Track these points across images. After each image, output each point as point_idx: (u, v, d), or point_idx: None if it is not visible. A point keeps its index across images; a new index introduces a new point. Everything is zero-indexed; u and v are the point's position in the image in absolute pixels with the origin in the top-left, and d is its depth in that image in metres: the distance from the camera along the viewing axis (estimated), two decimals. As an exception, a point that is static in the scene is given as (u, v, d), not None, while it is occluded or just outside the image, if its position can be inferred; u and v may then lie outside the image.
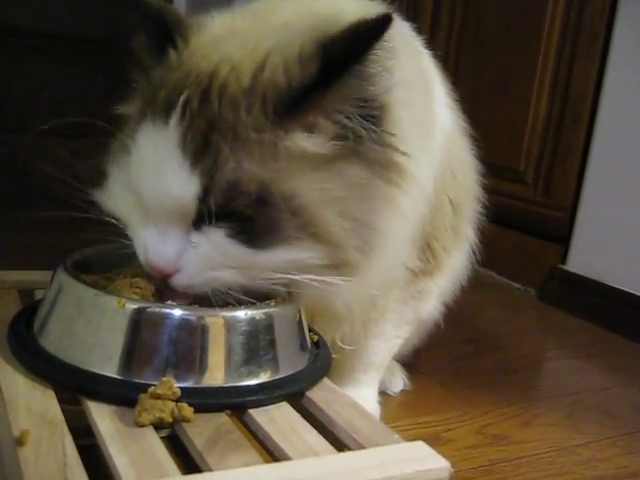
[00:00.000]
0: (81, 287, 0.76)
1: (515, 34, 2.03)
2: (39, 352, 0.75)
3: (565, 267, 1.86)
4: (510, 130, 2.02)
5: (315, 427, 0.71)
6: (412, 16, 2.29)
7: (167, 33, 0.79)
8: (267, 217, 0.71)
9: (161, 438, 0.66)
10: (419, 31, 0.98)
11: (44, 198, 0.81)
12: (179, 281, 0.75)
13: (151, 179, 0.74)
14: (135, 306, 0.72)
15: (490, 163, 1.06)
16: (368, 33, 0.69)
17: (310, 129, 0.73)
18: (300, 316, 0.82)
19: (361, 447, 0.68)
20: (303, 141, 0.72)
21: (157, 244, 0.75)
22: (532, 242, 1.96)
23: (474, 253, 1.08)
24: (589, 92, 1.82)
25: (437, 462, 0.65)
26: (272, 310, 0.78)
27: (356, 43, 0.70)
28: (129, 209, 0.79)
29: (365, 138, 0.74)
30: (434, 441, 1.05)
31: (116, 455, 0.61)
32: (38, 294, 0.93)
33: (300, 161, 0.72)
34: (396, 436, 0.70)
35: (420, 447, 0.68)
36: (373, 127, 0.74)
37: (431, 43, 0.98)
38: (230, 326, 0.74)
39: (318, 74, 0.70)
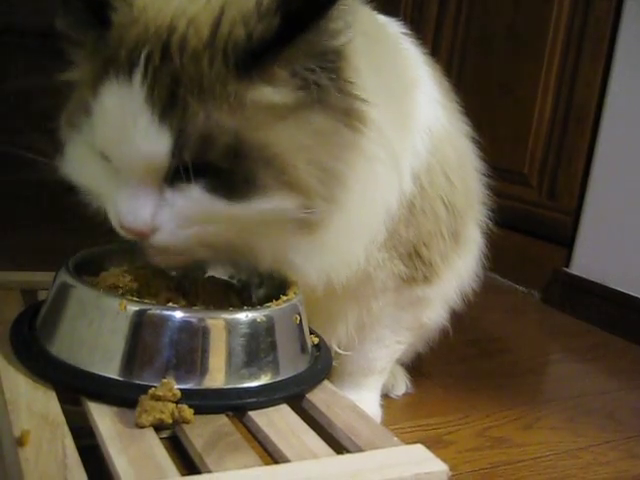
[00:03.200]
0: (83, 288, 0.76)
1: (520, 36, 2.02)
2: (41, 353, 0.75)
3: (569, 270, 1.86)
4: (514, 133, 2.02)
5: (315, 429, 0.71)
6: (417, 18, 2.29)
7: (99, 4, 0.76)
8: (243, 168, 0.71)
9: (162, 439, 0.66)
10: (423, 34, 0.98)
11: (45, 198, 0.81)
12: (158, 240, 0.74)
13: (119, 138, 0.72)
14: (136, 308, 0.72)
15: (494, 166, 1.06)
16: None
17: (273, 81, 0.72)
18: (301, 318, 0.82)
19: (360, 450, 0.68)
20: (267, 93, 0.72)
21: (130, 205, 0.74)
22: (536, 245, 1.96)
23: (483, 258, 1.08)
24: (594, 95, 1.82)
25: (436, 465, 0.65)
26: (273, 312, 0.78)
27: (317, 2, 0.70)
28: (95, 174, 0.78)
29: (327, 88, 0.74)
30: (435, 444, 1.05)
31: (116, 456, 0.61)
32: (41, 295, 0.94)
33: (267, 111, 0.72)
34: (395, 439, 0.70)
35: (419, 450, 0.68)
36: (334, 77, 0.75)
37: (435, 46, 0.98)
38: (231, 328, 0.74)
39: (278, 29, 0.70)
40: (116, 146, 0.73)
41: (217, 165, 0.70)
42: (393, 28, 0.96)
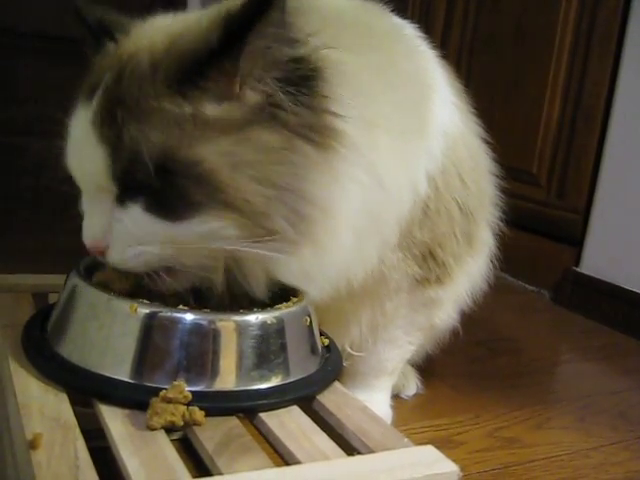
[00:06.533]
0: (94, 291, 0.77)
1: (528, 36, 2.02)
2: (52, 356, 0.76)
3: (579, 269, 1.86)
4: (523, 132, 2.02)
5: (325, 431, 0.71)
6: (425, 19, 2.30)
7: (107, 32, 0.81)
8: (174, 186, 0.70)
9: (173, 441, 0.66)
10: (431, 33, 0.97)
11: (54, 200, 0.81)
12: (111, 257, 0.76)
13: (74, 155, 0.77)
14: (147, 310, 0.73)
15: (503, 165, 1.06)
16: None
17: (216, 96, 0.72)
18: (311, 320, 0.82)
19: (371, 451, 0.68)
20: (208, 108, 0.71)
21: (87, 222, 0.77)
22: (546, 244, 1.95)
23: (494, 259, 1.08)
24: (602, 93, 1.82)
25: (446, 466, 0.66)
26: (283, 314, 0.78)
27: (255, 5, 0.68)
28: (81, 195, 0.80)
29: (285, 102, 0.72)
30: (446, 444, 1.05)
31: (127, 458, 0.61)
32: (52, 298, 0.94)
33: (205, 127, 0.71)
34: (405, 440, 0.70)
35: (429, 451, 0.68)
36: (299, 90, 0.73)
37: (444, 46, 0.98)
38: (241, 330, 0.75)
39: (220, 40, 0.70)
40: (73, 163, 0.78)
41: (149, 183, 0.71)
42: (409, 30, 0.96)
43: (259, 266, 0.77)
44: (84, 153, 0.75)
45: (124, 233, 0.74)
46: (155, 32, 0.78)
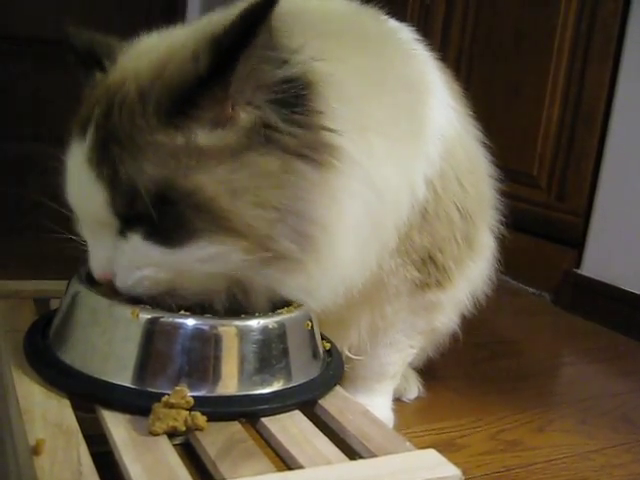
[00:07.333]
0: (95, 297, 0.77)
1: (527, 39, 2.02)
2: (54, 361, 0.76)
3: (579, 271, 1.86)
4: (523, 134, 2.02)
5: (327, 435, 0.71)
6: (424, 22, 2.30)
7: (96, 59, 0.82)
8: (172, 215, 0.71)
9: (175, 446, 0.66)
10: (431, 37, 0.97)
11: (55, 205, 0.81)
12: (119, 284, 0.77)
13: (73, 194, 0.78)
14: (148, 316, 0.73)
15: (503, 168, 1.06)
16: (253, 16, 0.67)
17: (211, 123, 0.72)
18: (312, 324, 0.82)
19: (373, 455, 0.68)
20: (201, 136, 0.71)
21: (93, 255, 0.78)
22: (546, 246, 1.95)
23: (495, 262, 1.07)
24: (602, 95, 1.82)
25: (448, 470, 0.66)
26: (284, 318, 0.78)
27: (242, 29, 0.68)
28: (80, 225, 0.81)
29: (280, 124, 0.72)
30: (448, 447, 1.05)
31: (130, 464, 0.61)
32: (54, 303, 0.94)
33: (200, 156, 0.71)
34: (407, 444, 0.70)
35: (431, 455, 0.68)
36: (292, 110, 0.73)
37: (443, 49, 0.98)
38: (243, 335, 0.75)
39: (209, 67, 0.69)
40: (74, 202, 0.78)
41: (149, 214, 0.71)
42: (405, 34, 0.95)
43: (262, 284, 0.77)
44: (83, 192, 0.75)
45: (125, 261, 0.75)
46: (140, 58, 0.77)
